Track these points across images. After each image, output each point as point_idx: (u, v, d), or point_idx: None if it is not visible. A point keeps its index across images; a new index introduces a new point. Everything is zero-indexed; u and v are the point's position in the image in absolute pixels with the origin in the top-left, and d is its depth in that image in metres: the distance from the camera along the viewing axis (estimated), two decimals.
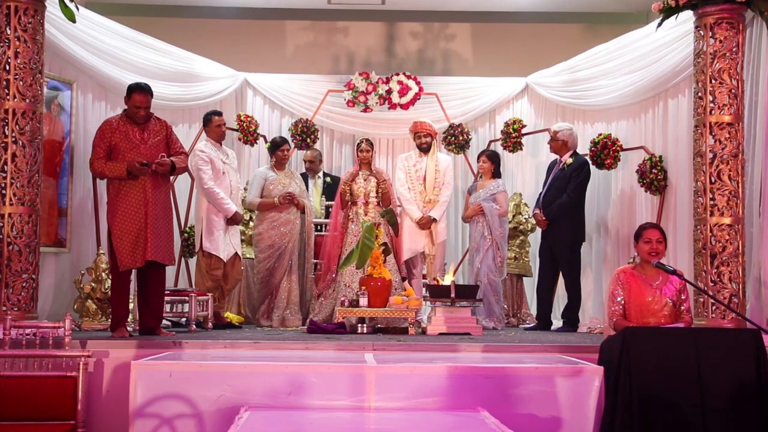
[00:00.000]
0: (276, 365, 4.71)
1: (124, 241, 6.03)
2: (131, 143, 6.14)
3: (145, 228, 6.06)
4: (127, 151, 6.11)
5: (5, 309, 6.10)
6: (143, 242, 6.06)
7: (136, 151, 6.12)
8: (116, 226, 6.06)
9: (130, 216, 6.06)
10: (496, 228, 7.86)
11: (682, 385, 4.61)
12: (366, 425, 4.24)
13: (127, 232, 6.03)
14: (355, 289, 7.20)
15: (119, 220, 6.06)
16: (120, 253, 6.04)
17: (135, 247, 6.04)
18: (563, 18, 10.03)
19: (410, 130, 8.03)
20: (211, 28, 9.86)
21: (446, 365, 4.77)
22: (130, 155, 6.10)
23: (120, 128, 6.17)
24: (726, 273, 6.35)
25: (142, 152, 6.14)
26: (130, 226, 6.04)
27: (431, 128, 7.96)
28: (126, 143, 6.13)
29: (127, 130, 6.18)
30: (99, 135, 6.21)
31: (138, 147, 6.15)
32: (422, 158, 7.87)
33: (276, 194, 7.75)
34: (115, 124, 6.20)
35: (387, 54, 10.17)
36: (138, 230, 6.05)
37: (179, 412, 4.50)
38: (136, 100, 6.19)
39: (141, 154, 6.12)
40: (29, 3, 6.33)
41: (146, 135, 6.22)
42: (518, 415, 4.50)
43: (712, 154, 6.44)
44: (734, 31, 6.48)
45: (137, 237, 6.04)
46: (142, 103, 6.19)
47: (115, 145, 6.13)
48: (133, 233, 6.04)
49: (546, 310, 7.88)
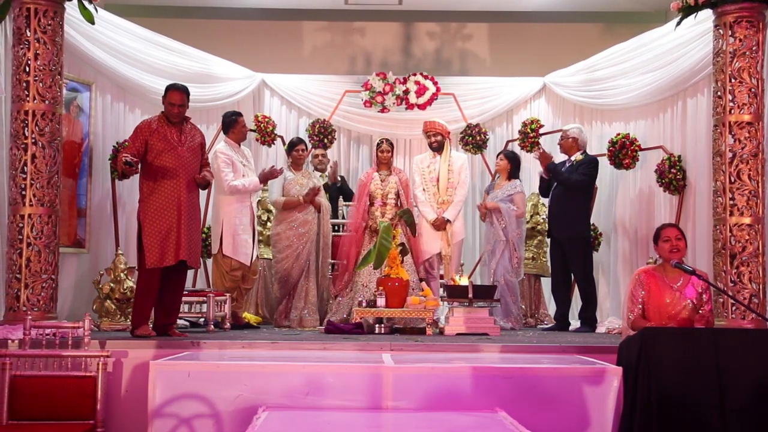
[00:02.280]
0: (294, 365, 4.71)
1: (153, 239, 5.99)
2: (169, 144, 6.12)
3: (177, 228, 6.05)
4: (164, 151, 6.09)
5: (25, 309, 6.15)
6: (174, 242, 6.04)
7: (173, 153, 6.11)
8: (147, 223, 6.01)
9: (162, 215, 6.03)
10: (513, 229, 7.83)
11: (702, 385, 4.58)
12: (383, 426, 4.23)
13: (157, 230, 5.99)
14: (372, 290, 7.20)
15: (150, 218, 6.01)
16: (149, 251, 5.99)
17: (164, 246, 6.01)
18: (581, 17, 9.99)
19: (422, 131, 8.03)
20: (228, 29, 9.89)
21: (464, 366, 4.76)
22: (166, 156, 6.08)
23: (159, 129, 6.14)
24: (746, 273, 6.31)
25: (180, 154, 6.13)
26: (161, 225, 6.01)
27: (442, 127, 7.92)
28: (163, 144, 6.10)
29: (165, 131, 6.15)
30: (135, 132, 6.19)
31: (175, 148, 6.13)
32: (436, 159, 7.86)
33: (294, 194, 7.76)
34: (154, 124, 6.18)
35: (404, 54, 10.17)
36: (168, 230, 6.02)
37: (197, 412, 4.52)
38: (170, 98, 6.18)
39: (178, 156, 6.11)
40: (49, 5, 6.38)
41: (183, 138, 6.21)
42: (536, 416, 4.47)
43: (732, 153, 6.40)
44: (754, 30, 6.44)
45: (167, 236, 6.01)
46: (176, 101, 6.17)
47: (152, 145, 6.08)
48: (163, 232, 6.00)
49: (564, 310, 7.85)
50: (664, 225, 5.50)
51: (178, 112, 6.20)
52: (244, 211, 7.43)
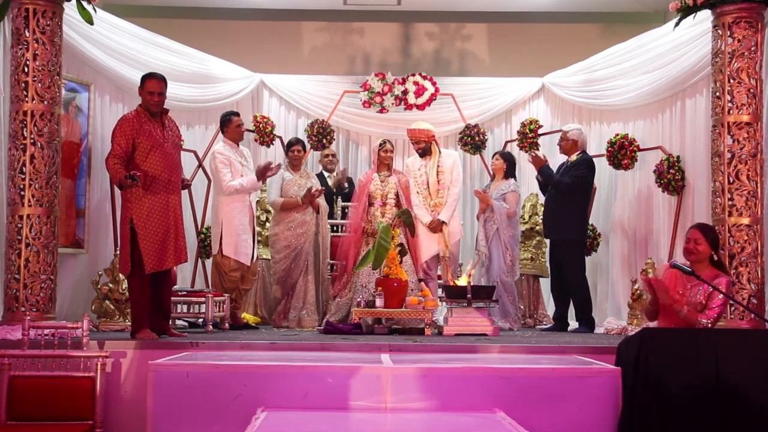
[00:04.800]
0: (292, 366, 4.70)
1: (151, 243, 5.89)
2: (155, 141, 5.99)
3: (175, 230, 6.04)
4: (151, 150, 5.96)
5: (24, 310, 6.15)
6: (173, 244, 6.01)
7: (160, 151, 6.00)
8: (143, 228, 5.88)
9: (158, 218, 5.95)
10: (504, 228, 7.83)
11: (700, 385, 4.58)
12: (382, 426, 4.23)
13: (154, 234, 5.90)
14: (371, 290, 7.20)
15: (145, 223, 5.90)
16: (148, 256, 5.88)
17: (163, 249, 5.96)
18: (580, 18, 10.00)
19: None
20: (227, 30, 9.89)
21: (462, 366, 4.75)
22: (155, 156, 5.96)
23: (143, 126, 5.97)
24: (745, 274, 6.32)
25: (167, 151, 6.04)
26: (157, 228, 5.93)
27: (424, 133, 7.75)
28: (150, 141, 5.96)
29: (150, 127, 5.99)
30: (120, 132, 5.94)
31: (162, 146, 6.02)
32: (425, 162, 7.82)
33: (292, 194, 7.76)
34: (135, 121, 5.97)
35: (403, 54, 10.17)
36: (166, 232, 5.97)
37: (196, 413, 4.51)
38: (149, 86, 6.03)
39: (166, 154, 6.01)
40: (47, 5, 6.38)
41: (166, 133, 6.11)
42: (535, 416, 4.47)
43: (731, 154, 6.40)
44: (753, 30, 6.45)
45: (165, 239, 5.96)
46: (155, 89, 6.02)
47: (139, 144, 5.93)
48: (160, 236, 5.94)
49: (563, 311, 7.85)
50: (694, 225, 5.57)
51: (158, 100, 6.05)
52: (243, 212, 7.42)
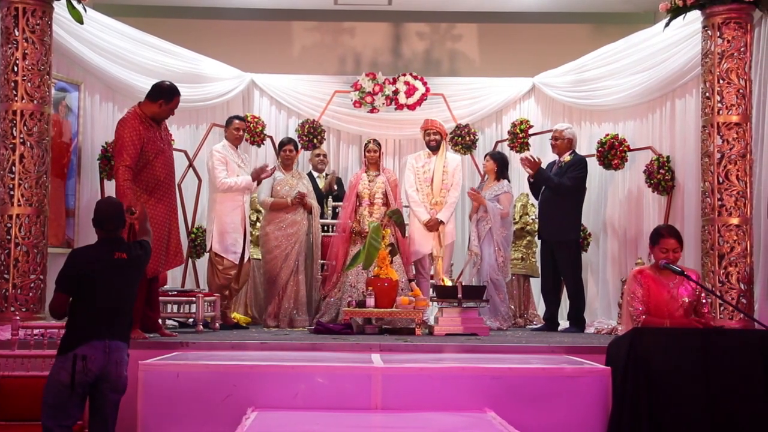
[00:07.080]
0: (283, 366, 4.70)
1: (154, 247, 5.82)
2: (158, 147, 6.01)
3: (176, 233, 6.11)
4: (156, 155, 5.98)
5: (13, 309, 6.13)
6: (175, 248, 6.10)
7: (162, 157, 6.06)
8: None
9: (160, 225, 5.98)
10: (497, 228, 7.84)
11: (690, 385, 4.59)
12: (373, 426, 4.24)
13: (157, 239, 5.87)
14: (360, 290, 7.20)
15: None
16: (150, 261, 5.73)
17: (164, 254, 6.03)
18: (570, 18, 10.02)
19: (421, 128, 8.04)
20: (217, 29, 9.88)
21: (453, 366, 4.77)
22: (158, 162, 5.99)
23: (147, 132, 5.93)
24: (734, 273, 6.35)
25: (168, 157, 6.13)
26: (160, 234, 5.97)
27: (441, 127, 7.98)
28: (154, 147, 5.97)
29: (152, 133, 5.98)
30: (129, 141, 5.82)
31: (164, 150, 6.09)
32: (431, 159, 7.86)
33: (283, 195, 7.75)
34: (141, 129, 5.90)
35: (394, 54, 10.17)
36: (168, 237, 6.05)
37: (186, 413, 4.50)
38: (176, 103, 6.12)
39: (166, 160, 6.10)
40: (37, 4, 6.36)
41: (164, 137, 6.17)
42: (525, 416, 4.48)
43: (720, 154, 6.43)
44: (742, 31, 6.48)
45: (166, 244, 6.04)
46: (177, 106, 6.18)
47: (146, 151, 5.90)
48: (162, 241, 6.00)
49: (553, 311, 7.86)
50: (664, 231, 5.32)
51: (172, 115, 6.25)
52: (236, 211, 7.43)
